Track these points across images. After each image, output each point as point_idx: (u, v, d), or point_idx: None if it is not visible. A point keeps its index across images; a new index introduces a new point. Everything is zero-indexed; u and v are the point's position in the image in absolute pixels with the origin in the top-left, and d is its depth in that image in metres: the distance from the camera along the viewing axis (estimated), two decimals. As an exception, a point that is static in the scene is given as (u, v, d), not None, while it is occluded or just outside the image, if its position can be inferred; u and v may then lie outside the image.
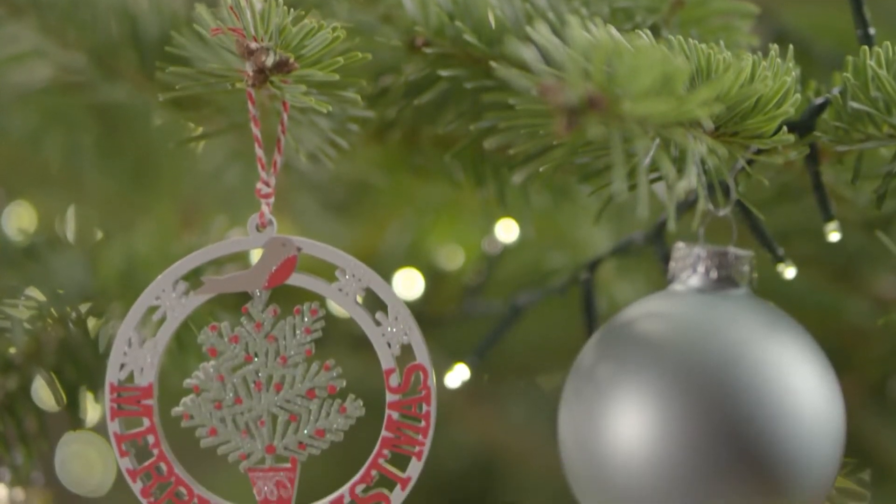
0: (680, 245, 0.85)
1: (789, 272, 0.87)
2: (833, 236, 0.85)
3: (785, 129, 0.80)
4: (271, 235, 0.83)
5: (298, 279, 0.83)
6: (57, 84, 1.04)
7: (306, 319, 0.83)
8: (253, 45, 0.78)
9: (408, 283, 1.13)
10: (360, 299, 0.83)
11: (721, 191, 0.84)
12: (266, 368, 0.83)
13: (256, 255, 0.83)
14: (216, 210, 1.16)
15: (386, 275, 1.01)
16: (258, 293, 0.83)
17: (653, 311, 0.82)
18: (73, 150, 1.20)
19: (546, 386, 1.24)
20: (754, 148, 0.81)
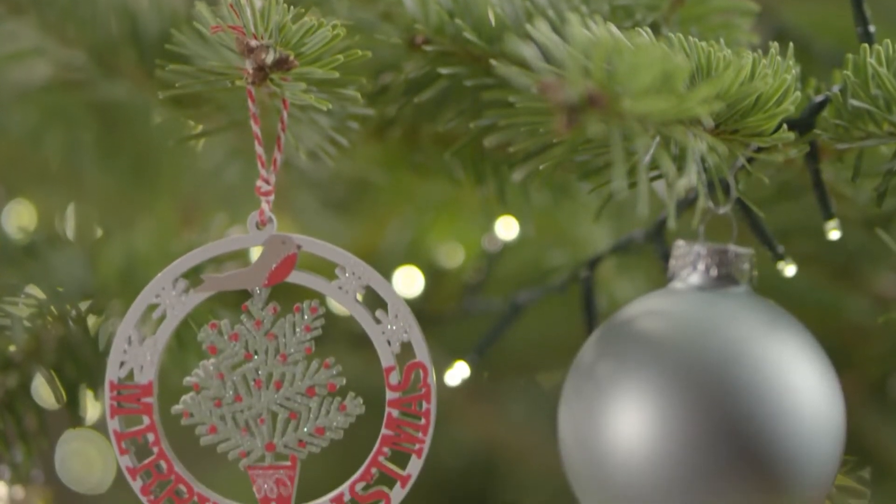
0: (680, 243, 0.85)
1: (789, 270, 0.87)
2: (833, 234, 0.85)
3: (785, 127, 0.80)
4: (271, 233, 0.83)
5: (298, 277, 0.83)
6: (57, 82, 1.04)
7: (306, 317, 0.83)
8: (253, 43, 0.78)
9: (408, 281, 1.13)
10: (360, 297, 0.83)
11: (721, 189, 0.84)
12: (266, 366, 0.83)
13: (256, 253, 0.83)
14: (216, 208, 1.16)
15: (386, 272, 1.01)
16: (258, 291, 0.83)
17: (653, 309, 0.82)
18: (73, 148, 1.20)
19: (546, 384, 1.24)
20: (754, 146, 0.81)
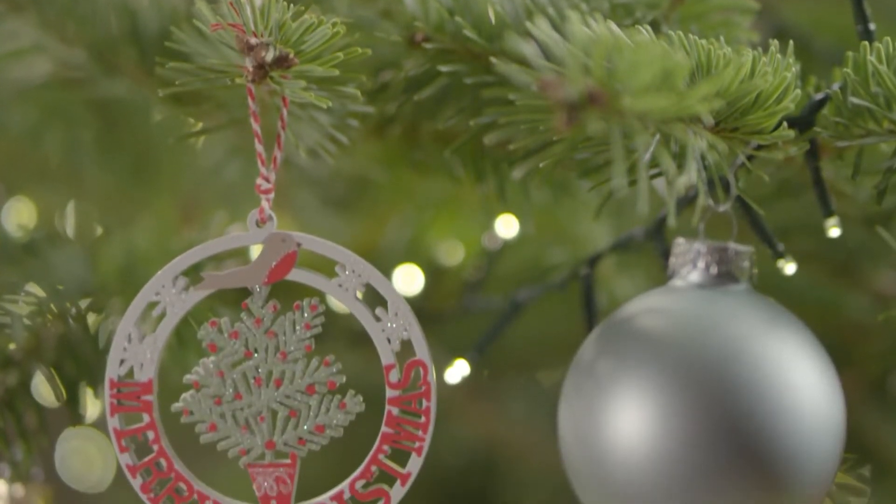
0: (680, 241, 0.85)
1: (789, 268, 0.87)
2: (833, 232, 0.85)
3: (785, 125, 0.80)
4: (271, 231, 0.83)
5: (298, 275, 0.83)
6: (56, 79, 1.04)
7: (306, 315, 0.83)
8: (253, 41, 0.78)
9: (408, 279, 1.13)
10: (360, 295, 0.83)
11: (721, 186, 0.84)
12: (266, 364, 0.83)
13: (256, 251, 0.83)
14: (216, 206, 1.16)
15: (386, 270, 1.01)
16: (258, 289, 0.83)
17: (653, 307, 0.82)
18: (73, 146, 1.20)
19: (546, 382, 1.24)
20: (754, 143, 0.81)
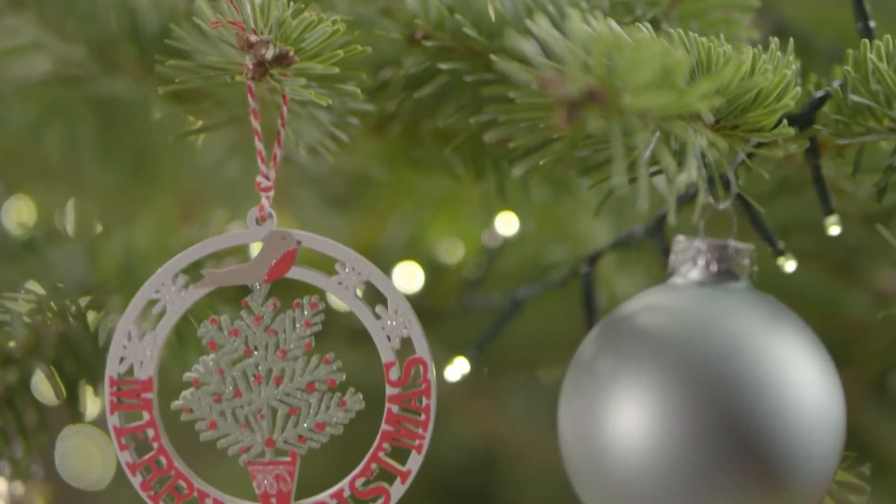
0: (680, 238, 0.85)
1: (789, 265, 0.87)
2: (833, 230, 0.85)
3: (785, 123, 0.80)
4: (271, 229, 0.83)
5: (298, 273, 0.83)
6: (56, 77, 1.04)
7: (306, 313, 0.83)
8: (253, 38, 0.78)
9: (408, 277, 1.13)
10: (360, 293, 0.83)
11: (721, 184, 0.84)
12: (266, 362, 0.83)
13: (256, 249, 0.83)
14: (216, 203, 1.16)
15: (386, 268, 1.01)
16: (258, 286, 0.83)
17: (653, 305, 0.82)
18: (73, 144, 1.20)
19: (546, 379, 1.24)
20: (754, 141, 0.81)
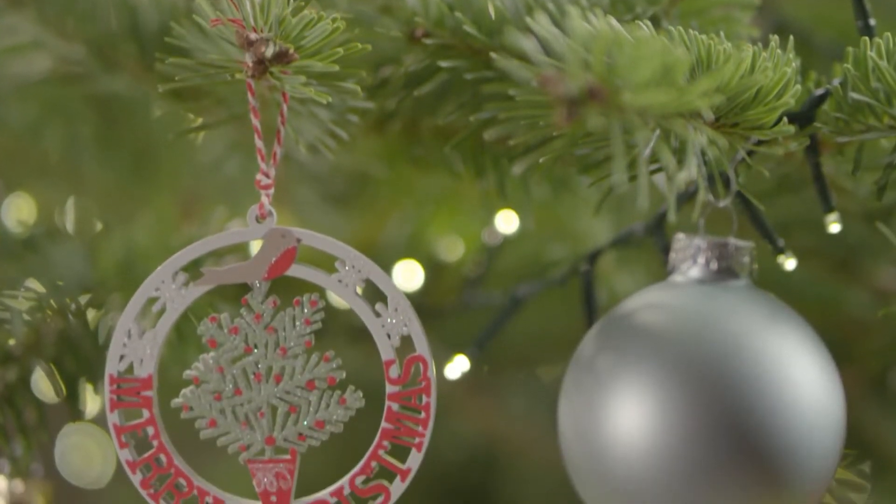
0: (680, 236, 0.85)
1: (789, 263, 0.87)
2: (833, 227, 0.85)
3: (785, 120, 0.80)
4: (271, 226, 0.83)
5: (298, 270, 0.83)
6: (56, 75, 1.03)
7: (306, 310, 0.83)
8: (252, 36, 0.78)
9: (408, 275, 1.13)
10: (360, 290, 0.83)
11: (721, 182, 0.84)
12: (266, 360, 0.83)
13: (256, 247, 0.83)
14: (216, 201, 1.15)
15: (386, 266, 1.01)
16: (258, 284, 0.83)
17: (653, 303, 0.82)
18: (73, 142, 1.20)
19: (546, 377, 1.24)
20: (754, 139, 0.81)
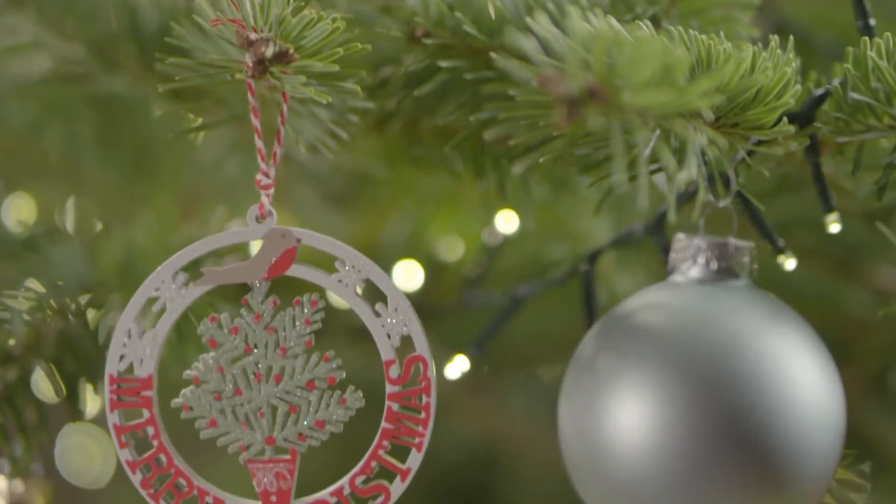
0: (680, 236, 0.85)
1: (789, 263, 0.87)
2: (833, 227, 0.85)
3: (785, 120, 0.80)
4: (271, 226, 0.83)
5: (298, 270, 0.83)
6: (56, 75, 1.03)
7: (306, 310, 0.83)
8: (252, 36, 0.78)
9: (408, 275, 1.13)
10: (360, 290, 0.83)
11: (721, 182, 0.84)
12: (266, 360, 0.83)
13: (256, 247, 0.83)
14: (216, 201, 1.15)
15: (386, 266, 1.01)
16: (258, 284, 0.83)
17: (653, 303, 0.82)
18: (73, 142, 1.20)
19: (546, 377, 1.24)
20: (754, 139, 0.81)
